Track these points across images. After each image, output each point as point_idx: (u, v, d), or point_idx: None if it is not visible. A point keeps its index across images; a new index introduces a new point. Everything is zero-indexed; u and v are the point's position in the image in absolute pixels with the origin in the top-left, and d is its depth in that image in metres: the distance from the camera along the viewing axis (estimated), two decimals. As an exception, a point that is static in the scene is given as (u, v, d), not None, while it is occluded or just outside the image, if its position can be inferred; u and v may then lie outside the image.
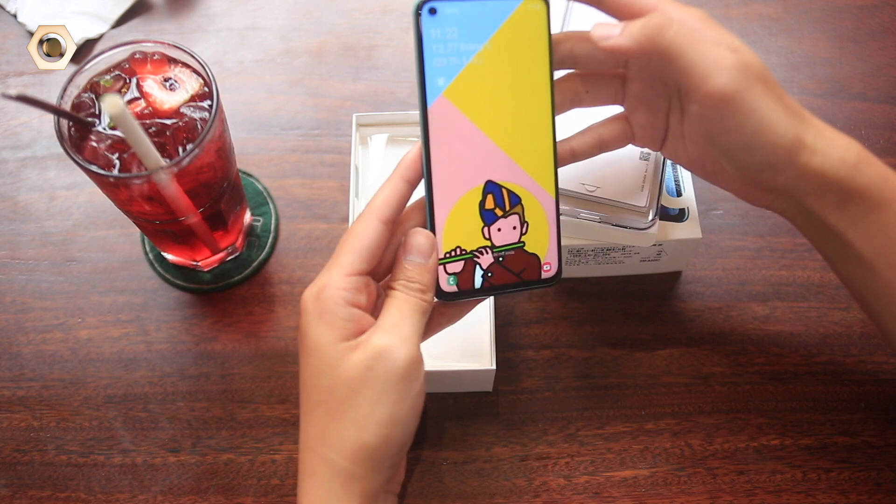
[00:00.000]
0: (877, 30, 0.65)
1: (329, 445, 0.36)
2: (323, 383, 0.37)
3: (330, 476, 0.36)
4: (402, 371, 0.36)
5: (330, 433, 0.36)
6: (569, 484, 0.49)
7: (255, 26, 0.65)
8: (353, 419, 0.36)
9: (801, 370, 0.52)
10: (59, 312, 0.54)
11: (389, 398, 0.36)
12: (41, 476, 0.49)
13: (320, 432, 0.37)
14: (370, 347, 0.36)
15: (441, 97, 0.38)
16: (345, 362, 0.36)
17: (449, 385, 0.50)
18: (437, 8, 0.38)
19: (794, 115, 0.39)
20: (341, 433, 0.36)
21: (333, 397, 0.37)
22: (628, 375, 0.52)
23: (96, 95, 0.45)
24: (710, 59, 0.37)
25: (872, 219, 0.40)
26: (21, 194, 0.58)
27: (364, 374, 0.36)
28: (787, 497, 0.48)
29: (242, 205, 0.55)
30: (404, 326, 0.37)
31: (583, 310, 0.54)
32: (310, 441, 0.37)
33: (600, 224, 0.47)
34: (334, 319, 0.37)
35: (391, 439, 0.36)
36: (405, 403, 0.36)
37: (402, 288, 0.38)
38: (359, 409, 0.36)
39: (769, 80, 0.38)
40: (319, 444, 0.37)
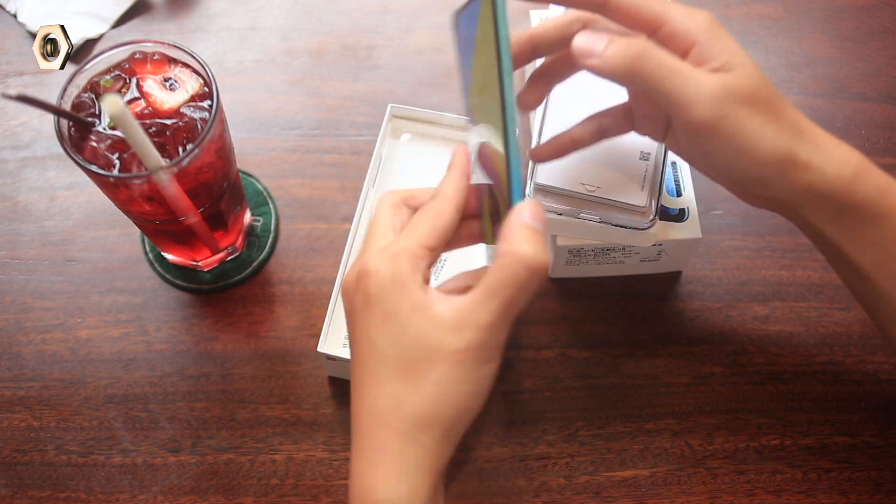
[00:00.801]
0: (877, 30, 0.65)
1: (404, 418, 0.35)
2: (405, 355, 0.35)
3: (404, 449, 0.35)
4: (491, 354, 0.35)
5: (408, 406, 0.35)
6: (569, 484, 0.49)
7: (255, 26, 0.65)
8: (435, 394, 0.35)
9: (801, 370, 0.52)
10: (59, 312, 0.54)
11: (476, 375, 0.35)
12: (41, 476, 0.49)
13: (396, 404, 0.35)
14: (468, 328, 0.34)
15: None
16: (433, 338, 0.35)
17: None
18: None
19: (788, 129, 0.38)
20: (421, 405, 0.35)
21: (415, 371, 0.35)
22: (628, 375, 0.52)
23: (96, 95, 0.45)
24: (689, 90, 0.37)
25: (869, 232, 0.40)
26: (21, 194, 0.58)
27: (444, 356, 0.35)
28: (787, 497, 0.48)
29: (242, 205, 0.55)
30: (492, 310, 0.34)
31: (583, 310, 0.54)
32: (382, 415, 0.35)
33: (600, 224, 0.47)
34: (413, 286, 0.35)
35: (469, 411, 0.36)
36: (487, 381, 0.36)
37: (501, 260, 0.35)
38: (443, 384, 0.35)
39: (759, 97, 0.38)
40: (394, 417, 0.35)
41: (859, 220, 0.39)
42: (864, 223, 0.39)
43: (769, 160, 0.38)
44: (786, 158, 0.38)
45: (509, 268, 0.34)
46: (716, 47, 0.38)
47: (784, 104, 0.39)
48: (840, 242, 0.40)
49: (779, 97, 0.39)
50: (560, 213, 0.47)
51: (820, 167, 0.38)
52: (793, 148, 0.38)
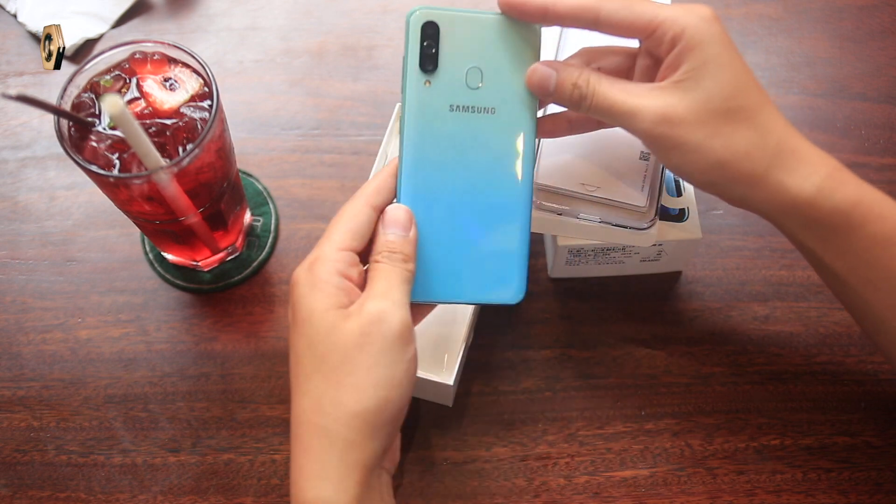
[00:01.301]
0: (877, 30, 0.65)
1: (325, 414, 0.36)
2: (318, 352, 0.37)
3: (327, 447, 0.36)
4: (397, 333, 0.36)
5: (326, 401, 0.36)
6: (569, 484, 0.49)
7: (255, 26, 0.65)
8: (350, 384, 0.36)
9: (801, 370, 0.52)
10: (59, 312, 0.54)
11: (386, 359, 0.36)
12: (41, 476, 0.49)
13: (315, 402, 0.37)
14: (365, 313, 0.36)
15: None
16: (340, 329, 0.36)
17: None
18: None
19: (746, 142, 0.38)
20: (338, 399, 0.36)
21: (328, 365, 0.36)
22: (628, 375, 0.52)
23: (96, 95, 0.45)
24: (633, 111, 0.39)
25: (841, 241, 0.40)
26: (21, 194, 0.58)
27: (360, 339, 0.36)
28: (787, 497, 0.48)
29: (242, 205, 0.55)
30: (395, 293, 0.37)
31: (583, 310, 0.54)
32: (304, 414, 0.37)
33: (600, 224, 0.47)
34: (327, 288, 0.37)
35: (389, 402, 0.36)
36: (401, 366, 0.36)
37: (386, 259, 0.38)
38: (356, 373, 0.36)
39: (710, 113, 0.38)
40: (315, 414, 0.36)
41: (830, 230, 0.39)
42: (835, 233, 0.39)
43: (708, 175, 0.39)
44: (735, 172, 0.39)
45: (391, 270, 0.38)
46: (689, 55, 0.38)
47: (756, 112, 0.39)
48: (814, 248, 0.41)
49: (751, 106, 0.39)
50: (560, 213, 0.47)
51: (778, 181, 0.39)
52: (743, 163, 0.38)
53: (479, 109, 0.41)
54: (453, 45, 0.40)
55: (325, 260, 0.38)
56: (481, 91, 0.41)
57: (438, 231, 0.41)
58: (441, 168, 0.41)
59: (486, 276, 0.42)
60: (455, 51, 0.40)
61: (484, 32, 0.41)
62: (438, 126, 0.41)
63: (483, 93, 0.41)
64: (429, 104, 0.41)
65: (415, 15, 0.40)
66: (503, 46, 0.41)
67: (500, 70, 0.41)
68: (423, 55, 0.40)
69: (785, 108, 0.61)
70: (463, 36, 0.41)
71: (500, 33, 0.41)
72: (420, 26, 0.40)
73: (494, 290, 0.42)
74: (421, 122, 0.41)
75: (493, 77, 0.41)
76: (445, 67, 0.40)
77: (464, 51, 0.41)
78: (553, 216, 0.47)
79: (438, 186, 0.41)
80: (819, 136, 0.60)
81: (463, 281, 0.42)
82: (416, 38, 0.40)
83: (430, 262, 0.42)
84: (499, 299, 0.43)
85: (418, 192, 0.41)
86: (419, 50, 0.40)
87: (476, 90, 0.41)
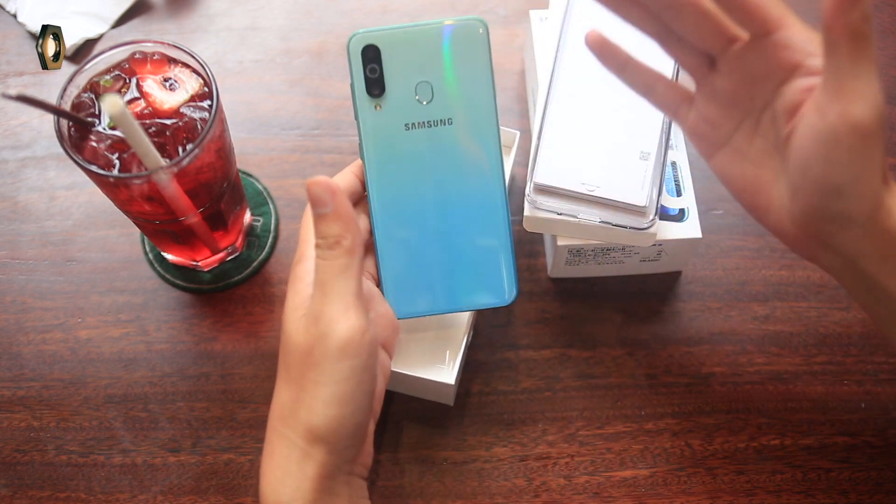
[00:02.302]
0: (877, 30, 0.65)
1: (286, 423, 0.37)
2: (285, 359, 0.37)
3: (287, 454, 0.36)
4: (338, 353, 0.35)
5: (287, 411, 0.37)
6: (569, 484, 0.49)
7: (255, 26, 0.65)
8: (303, 400, 0.36)
9: (801, 370, 0.52)
10: (59, 312, 0.54)
11: (331, 377, 0.35)
12: (41, 476, 0.49)
13: (280, 409, 0.37)
14: (311, 326, 0.36)
15: None
16: (296, 339, 0.36)
17: (411, 389, 0.50)
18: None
19: (881, 172, 0.35)
20: (296, 413, 0.36)
21: (290, 375, 0.37)
22: (628, 375, 0.52)
23: (96, 95, 0.45)
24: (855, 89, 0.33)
25: None
26: (21, 194, 0.58)
27: (306, 357, 0.36)
28: (787, 497, 0.48)
29: (242, 205, 0.55)
30: (331, 304, 0.35)
31: (583, 310, 0.54)
32: (273, 419, 0.38)
33: (600, 224, 0.47)
34: (299, 286, 0.37)
35: (342, 419, 0.36)
36: (350, 382, 0.35)
37: (318, 250, 0.36)
38: (307, 389, 0.36)
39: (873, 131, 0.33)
40: (279, 421, 0.37)
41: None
42: None
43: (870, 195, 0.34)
44: (879, 199, 0.35)
45: (323, 269, 0.36)
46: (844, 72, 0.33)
47: (883, 143, 0.34)
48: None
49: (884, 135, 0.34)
50: (560, 213, 0.47)
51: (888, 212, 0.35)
52: (884, 191, 0.35)
53: (436, 122, 0.41)
54: (397, 64, 0.40)
55: (304, 258, 0.39)
56: (434, 104, 0.41)
57: (418, 246, 0.42)
58: (409, 187, 0.41)
59: (475, 282, 0.43)
60: (400, 69, 0.40)
61: (426, 44, 0.40)
62: (397, 146, 0.41)
63: (436, 105, 0.41)
64: (383, 127, 0.41)
65: (353, 40, 0.40)
66: (449, 54, 0.40)
67: (450, 79, 0.41)
68: (367, 81, 0.40)
69: (785, 108, 0.62)
70: (405, 53, 0.40)
71: (442, 42, 0.40)
72: (360, 51, 0.40)
73: (485, 295, 0.43)
74: (378, 146, 0.41)
75: (445, 87, 0.41)
76: (393, 88, 0.40)
77: (409, 67, 0.40)
78: (552, 216, 0.47)
79: (410, 205, 0.42)
80: (819, 136, 0.60)
81: (451, 290, 0.43)
82: (357, 64, 0.40)
83: (415, 277, 0.42)
84: (491, 303, 0.43)
85: (390, 214, 0.41)
86: (363, 76, 0.40)
87: (428, 104, 0.41)
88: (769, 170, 0.38)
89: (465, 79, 0.41)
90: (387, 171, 0.41)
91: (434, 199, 0.42)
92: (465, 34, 0.40)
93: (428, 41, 0.40)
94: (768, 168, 0.38)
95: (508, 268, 0.43)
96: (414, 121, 0.41)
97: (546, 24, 0.55)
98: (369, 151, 0.41)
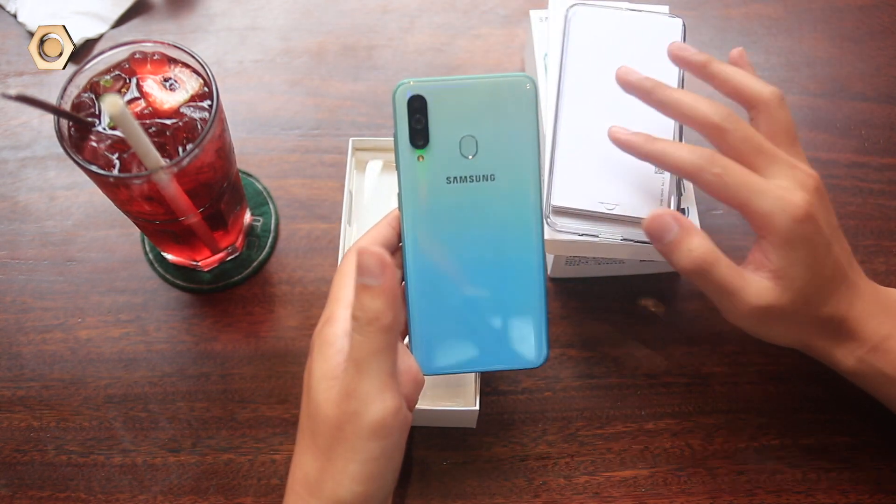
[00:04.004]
0: (877, 30, 0.65)
1: (310, 492, 0.36)
2: (312, 427, 0.37)
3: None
4: (370, 433, 0.35)
5: (311, 480, 0.36)
6: (569, 484, 0.49)
7: (255, 26, 0.65)
8: (330, 472, 0.36)
9: (801, 370, 0.52)
10: (59, 312, 0.54)
11: (360, 456, 0.35)
12: (41, 476, 0.49)
13: (304, 476, 0.37)
14: (344, 402, 0.35)
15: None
16: (326, 410, 0.36)
17: (433, 421, 0.50)
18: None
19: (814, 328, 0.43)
20: (322, 484, 0.36)
21: (317, 445, 0.36)
22: (628, 375, 0.52)
23: (96, 95, 0.45)
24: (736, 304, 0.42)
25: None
26: (21, 194, 0.58)
27: (337, 431, 0.35)
28: (787, 497, 0.48)
29: (242, 205, 0.55)
30: (364, 383, 0.35)
31: (583, 310, 0.54)
32: (295, 484, 0.37)
33: (622, 242, 0.47)
34: (329, 351, 0.37)
35: (368, 496, 0.36)
36: (379, 462, 0.35)
37: (356, 324, 0.35)
38: (335, 463, 0.35)
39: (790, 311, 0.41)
40: (303, 488, 0.37)
41: (890, 382, 0.43)
42: (888, 386, 0.44)
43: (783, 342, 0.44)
44: (805, 348, 0.44)
45: (359, 345, 0.35)
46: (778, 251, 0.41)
47: (836, 296, 0.42)
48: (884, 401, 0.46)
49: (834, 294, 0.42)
50: (581, 234, 0.47)
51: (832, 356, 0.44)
52: (811, 342, 0.44)
53: (478, 178, 0.40)
54: (443, 116, 0.39)
55: (335, 320, 0.37)
56: (478, 159, 0.40)
57: (451, 303, 0.41)
58: (446, 241, 0.40)
59: (506, 342, 0.42)
60: (445, 122, 0.39)
61: (473, 99, 0.40)
62: (437, 200, 0.40)
63: (480, 161, 0.40)
64: (424, 179, 0.40)
65: (400, 90, 0.39)
66: (495, 110, 0.40)
67: (495, 135, 0.40)
68: (412, 131, 0.39)
69: (785, 108, 0.62)
70: (452, 106, 0.40)
71: (490, 97, 0.40)
72: (406, 101, 0.39)
73: (516, 356, 0.42)
74: (419, 199, 0.40)
75: (489, 143, 0.40)
76: (437, 140, 0.40)
77: (455, 120, 0.40)
78: (573, 237, 0.47)
79: (446, 260, 0.40)
80: (819, 136, 0.60)
81: (483, 349, 0.41)
82: (403, 113, 0.39)
83: (447, 334, 0.41)
84: (521, 364, 0.42)
85: (426, 269, 0.40)
86: (408, 126, 0.39)
87: (472, 159, 0.40)
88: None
89: (511, 135, 0.40)
90: (425, 224, 0.40)
91: (471, 255, 0.41)
92: (513, 90, 0.40)
93: (475, 96, 0.40)
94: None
95: (540, 330, 0.41)
96: (456, 175, 0.40)
97: (546, 23, 0.55)
98: (409, 202, 0.40)
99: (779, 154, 0.42)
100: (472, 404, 0.47)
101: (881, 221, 0.57)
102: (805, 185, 0.41)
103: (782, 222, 0.40)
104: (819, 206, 0.41)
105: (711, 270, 0.41)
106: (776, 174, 0.41)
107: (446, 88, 0.40)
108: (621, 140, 0.43)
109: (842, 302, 0.42)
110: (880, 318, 0.43)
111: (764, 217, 0.41)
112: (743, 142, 0.41)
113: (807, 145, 0.60)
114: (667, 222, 0.41)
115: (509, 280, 0.41)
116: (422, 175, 0.40)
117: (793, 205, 0.40)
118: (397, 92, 0.39)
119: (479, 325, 0.41)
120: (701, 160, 0.41)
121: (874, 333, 0.43)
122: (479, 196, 0.40)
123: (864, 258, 0.56)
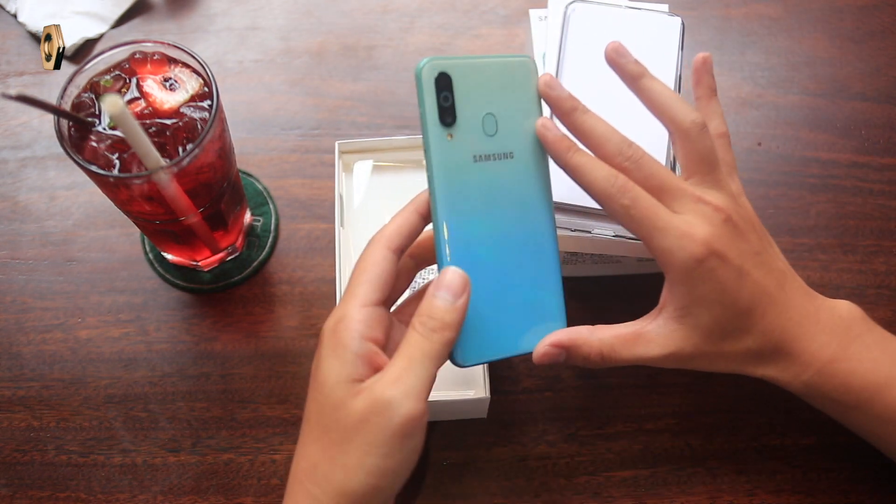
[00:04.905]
0: (877, 30, 0.65)
1: (316, 482, 0.36)
2: (323, 422, 0.37)
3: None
4: (398, 427, 0.35)
5: (319, 472, 0.36)
6: (569, 484, 0.49)
7: (255, 26, 0.65)
8: (342, 464, 0.36)
9: (801, 370, 0.52)
10: (59, 312, 0.54)
11: (381, 450, 0.35)
12: (41, 476, 0.49)
13: (311, 467, 0.37)
14: (372, 398, 0.35)
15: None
16: (346, 406, 0.36)
17: (443, 414, 0.50)
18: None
19: (742, 352, 0.41)
20: (329, 474, 0.36)
21: (328, 438, 0.36)
22: (628, 375, 0.52)
23: (96, 95, 0.45)
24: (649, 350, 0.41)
25: (852, 416, 0.43)
26: (21, 194, 0.58)
27: (360, 424, 0.35)
28: (787, 497, 0.48)
29: (242, 205, 0.55)
30: (410, 378, 0.36)
31: (583, 310, 0.54)
32: (299, 473, 0.38)
33: (614, 238, 0.47)
34: (346, 355, 0.37)
35: (378, 489, 0.36)
36: (397, 457, 0.36)
37: (422, 327, 0.36)
38: (350, 455, 0.36)
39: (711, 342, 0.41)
40: (307, 478, 0.37)
41: (835, 408, 0.43)
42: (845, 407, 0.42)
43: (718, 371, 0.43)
44: (751, 374, 0.43)
45: (418, 345, 0.36)
46: (679, 291, 0.40)
47: (755, 323, 0.41)
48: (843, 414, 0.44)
49: (750, 321, 0.41)
50: (573, 230, 0.47)
51: (773, 378, 0.43)
52: (744, 367, 0.42)
53: (499, 156, 0.40)
54: (467, 94, 0.39)
55: (349, 320, 0.37)
56: (497, 137, 0.40)
57: (484, 286, 0.39)
58: (476, 222, 0.39)
59: (534, 322, 0.41)
60: (469, 100, 0.39)
61: (489, 77, 0.40)
62: (467, 179, 0.39)
63: (499, 138, 0.40)
64: (454, 158, 0.39)
65: (426, 67, 0.38)
66: (507, 88, 0.40)
67: (510, 113, 0.40)
68: (440, 109, 0.39)
69: (785, 108, 0.62)
70: (474, 83, 0.39)
71: (501, 76, 0.40)
72: (433, 79, 0.39)
73: (542, 335, 0.41)
74: (451, 178, 0.39)
75: (506, 121, 0.40)
76: (463, 118, 0.39)
77: (476, 98, 0.39)
78: (565, 233, 0.47)
79: (477, 241, 0.40)
80: (819, 136, 0.60)
81: (514, 332, 0.41)
82: (430, 91, 0.39)
83: (480, 321, 0.40)
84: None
85: (465, 255, 0.39)
86: (436, 104, 0.39)
87: (493, 136, 0.40)
88: None
89: (523, 113, 0.40)
90: (458, 204, 0.39)
91: (498, 236, 0.40)
92: (520, 70, 0.40)
93: (490, 74, 0.40)
94: None
95: (562, 305, 0.42)
96: (482, 153, 0.40)
97: (545, 22, 0.55)
98: (441, 182, 0.39)
99: (685, 188, 0.40)
100: (483, 394, 0.47)
101: (881, 221, 0.57)
102: (710, 220, 0.40)
103: (681, 260, 0.39)
104: (728, 238, 0.40)
105: (611, 358, 0.41)
106: (682, 209, 0.40)
107: (467, 65, 0.39)
108: (547, 139, 0.41)
109: (772, 328, 0.41)
110: (822, 338, 0.41)
111: (664, 254, 0.40)
112: (649, 178, 0.40)
113: (807, 145, 0.60)
114: (552, 355, 0.40)
115: (531, 258, 0.41)
116: (453, 154, 0.39)
117: (693, 242, 0.39)
118: (423, 70, 0.38)
119: (510, 308, 0.40)
120: (613, 188, 0.39)
121: (816, 356, 0.41)
122: (501, 174, 0.40)
123: (864, 258, 0.56)
